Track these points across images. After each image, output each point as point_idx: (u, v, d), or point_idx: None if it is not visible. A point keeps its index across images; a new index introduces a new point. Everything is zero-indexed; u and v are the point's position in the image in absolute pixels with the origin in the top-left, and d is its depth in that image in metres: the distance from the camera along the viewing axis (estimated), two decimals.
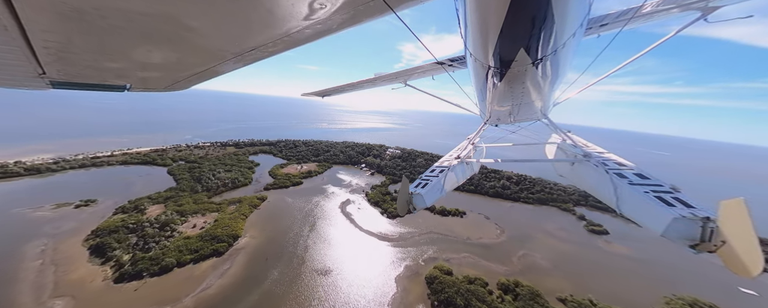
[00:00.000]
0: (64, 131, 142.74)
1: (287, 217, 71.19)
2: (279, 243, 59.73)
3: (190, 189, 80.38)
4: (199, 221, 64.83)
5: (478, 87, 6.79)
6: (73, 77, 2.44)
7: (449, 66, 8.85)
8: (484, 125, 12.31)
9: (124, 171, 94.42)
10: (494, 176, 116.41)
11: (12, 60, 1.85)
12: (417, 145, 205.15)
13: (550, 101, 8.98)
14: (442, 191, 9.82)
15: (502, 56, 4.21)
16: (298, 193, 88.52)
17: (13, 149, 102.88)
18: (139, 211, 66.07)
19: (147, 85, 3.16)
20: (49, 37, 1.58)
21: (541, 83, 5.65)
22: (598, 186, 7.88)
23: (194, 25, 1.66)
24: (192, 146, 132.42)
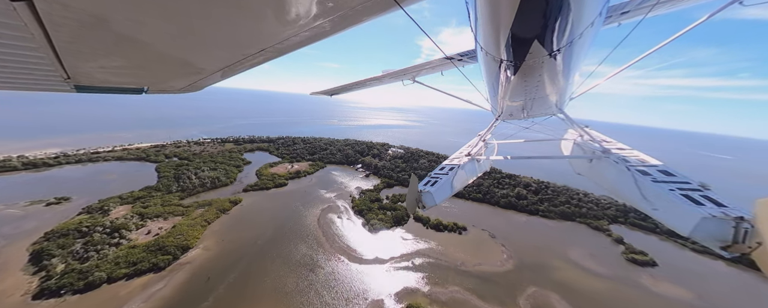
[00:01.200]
0: (81, 126, 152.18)
1: (255, 226, 63.14)
2: (233, 259, 51.58)
3: (166, 189, 76.14)
4: (157, 227, 59.21)
5: (489, 82, 6.62)
6: (95, 81, 2.73)
7: (459, 61, 8.46)
8: (495, 121, 11.79)
9: (114, 167, 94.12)
10: (508, 183, 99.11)
11: (40, 66, 2.09)
12: (427, 144, 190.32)
13: (566, 95, 8.44)
14: (452, 189, 9.60)
15: (515, 49, 4.01)
16: (279, 196, 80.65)
17: (28, 143, 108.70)
18: (103, 212, 62.29)
19: (163, 87, 3.47)
20: (72, 45, 1.76)
21: (556, 76, 5.42)
22: (619, 184, 7.58)
23: (207, 29, 1.77)
24: (192, 142, 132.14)
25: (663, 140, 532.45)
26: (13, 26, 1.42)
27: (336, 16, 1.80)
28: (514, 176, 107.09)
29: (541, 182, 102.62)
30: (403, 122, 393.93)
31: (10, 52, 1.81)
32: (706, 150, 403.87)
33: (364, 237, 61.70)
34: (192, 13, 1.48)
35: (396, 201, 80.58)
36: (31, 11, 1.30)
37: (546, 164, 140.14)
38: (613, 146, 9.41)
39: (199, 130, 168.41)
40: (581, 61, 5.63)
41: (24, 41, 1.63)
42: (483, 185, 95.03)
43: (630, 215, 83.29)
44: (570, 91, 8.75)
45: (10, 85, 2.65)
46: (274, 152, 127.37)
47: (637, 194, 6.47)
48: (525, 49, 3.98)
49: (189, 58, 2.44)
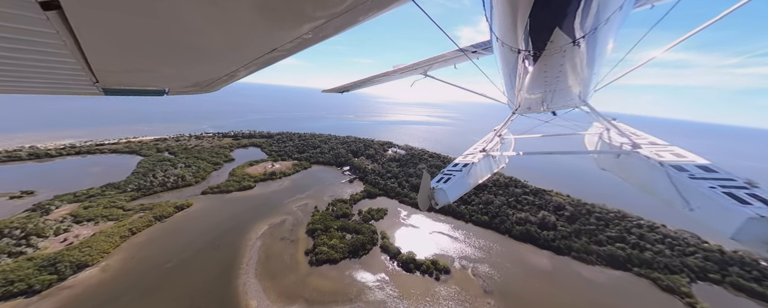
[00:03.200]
0: (106, 119, 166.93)
1: (179, 242, 52.75)
2: (127, 287, 41.27)
3: (124, 187, 71.57)
4: (80, 233, 52.72)
5: (506, 74, 6.30)
6: (120, 85, 2.89)
7: (473, 53, 8.06)
8: (512, 115, 11.17)
9: (104, 160, 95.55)
10: (530, 202, 72.94)
11: (71, 71, 2.24)
12: (445, 144, 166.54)
13: (590, 86, 7.63)
14: (466, 187, 9.31)
15: (534, 38, 3.75)
16: (235, 203, 70.10)
17: (46, 134, 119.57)
18: (44, 211, 58.71)
19: (182, 89, 3.60)
20: (100, 51, 1.90)
21: (580, 65, 5.02)
22: (651, 181, 7.07)
23: (225, 33, 1.85)
24: (193, 136, 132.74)
25: None
26: (46, 34, 1.54)
27: (345, 11, 1.76)
28: (542, 193, 79.41)
29: (579, 204, 73.55)
30: (428, 118, 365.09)
31: (43, 58, 1.96)
32: None
33: (298, 274, 46.11)
34: (211, 17, 1.58)
35: (367, 219, 63.05)
36: (62, 20, 1.39)
37: (586, 176, 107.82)
38: (644, 140, 8.79)
39: (210, 124, 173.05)
40: (608, 49, 5.19)
41: (56, 48, 1.77)
42: (493, 204, 71.00)
43: (731, 268, 51.75)
44: (595, 81, 7.72)
45: (44, 89, 2.94)
46: (266, 148, 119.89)
47: (671, 192, 6.09)
48: (545, 38, 3.72)
49: (206, 62, 2.54)
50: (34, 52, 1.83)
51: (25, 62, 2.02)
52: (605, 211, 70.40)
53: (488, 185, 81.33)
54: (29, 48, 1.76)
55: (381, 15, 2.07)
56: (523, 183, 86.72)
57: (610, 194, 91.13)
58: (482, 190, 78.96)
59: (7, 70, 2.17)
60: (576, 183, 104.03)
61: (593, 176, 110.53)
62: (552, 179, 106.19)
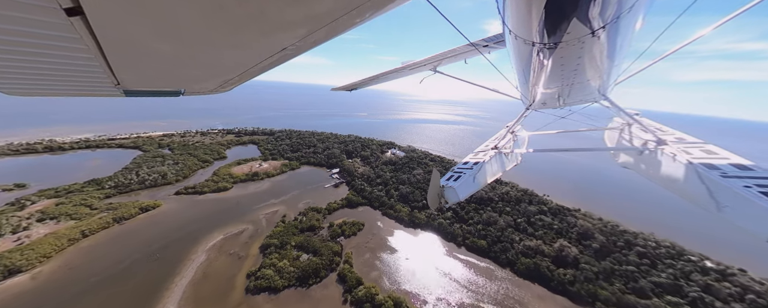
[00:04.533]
0: (125, 114, 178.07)
1: (125, 250, 48.35)
2: (44, 301, 37.00)
3: (106, 182, 70.89)
4: (41, 232, 50.98)
5: (519, 68, 5.92)
6: (140, 86, 2.97)
7: (484, 47, 7.64)
8: (526, 111, 10.28)
9: (106, 155, 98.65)
10: (544, 225, 57.39)
11: (94, 74, 2.34)
12: (463, 146, 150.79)
13: (611, 79, 7.25)
14: (477, 185, 9.02)
15: (550, 29, 3.56)
16: (203, 205, 65.32)
17: (70, 128, 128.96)
18: (20, 207, 58.97)
19: (198, 89, 3.67)
20: (121, 54, 1.98)
21: (600, 57, 4.80)
22: (677, 179, 6.66)
23: (240, 32, 1.88)
24: (199, 132, 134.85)
25: None
26: (70, 39, 1.61)
27: (358, 5, 1.76)
28: (564, 212, 62.72)
29: (614, 230, 55.66)
30: (446, 117, 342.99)
31: (67, 62, 2.05)
32: None
33: (225, 305, 38.05)
34: (227, 19, 1.64)
35: (336, 235, 53.44)
36: (85, 24, 1.45)
37: (627, 190, 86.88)
38: (669, 135, 8.27)
39: (222, 121, 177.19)
40: (631, 39, 4.88)
41: (80, 52, 1.84)
42: (496, 224, 56.76)
43: None
44: (616, 74, 7.30)
45: (69, 92, 3.07)
46: (263, 146, 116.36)
47: (699, 190, 5.79)
48: (562, 29, 3.53)
49: (220, 63, 2.66)
50: (60, 57, 1.94)
51: (51, 66, 2.14)
52: (652, 244, 52.01)
53: (494, 200, 66.56)
54: (55, 53, 1.86)
55: (395, 8, 2.06)
56: (541, 198, 69.91)
57: (660, 218, 70.40)
58: (485, 205, 64.60)
59: (35, 74, 2.34)
60: (611, 200, 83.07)
61: (637, 190, 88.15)
62: (580, 193, 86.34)
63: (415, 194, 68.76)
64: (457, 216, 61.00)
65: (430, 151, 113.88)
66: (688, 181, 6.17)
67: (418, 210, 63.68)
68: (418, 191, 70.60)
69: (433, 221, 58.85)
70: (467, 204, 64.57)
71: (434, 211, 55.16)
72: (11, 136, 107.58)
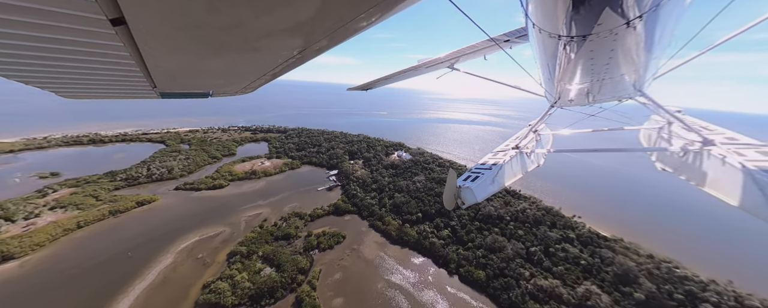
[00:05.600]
0: (163, 112, 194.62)
1: (107, 244, 49.27)
2: (20, 290, 38.17)
3: (120, 175, 75.74)
4: (47, 220, 54.80)
5: (543, 63, 5.42)
6: (174, 89, 3.23)
7: (505, 42, 7.04)
8: (551, 109, 9.57)
9: (134, 148, 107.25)
10: (568, 259, 45.26)
11: (134, 78, 2.58)
12: (479, 147, 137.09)
13: (648, 73, 6.25)
14: (496, 186, 8.52)
15: (579, 21, 3.29)
16: (195, 203, 65.52)
17: (114, 124, 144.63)
18: (43, 194, 64.97)
19: (224, 90, 3.99)
20: (159, 60, 2.18)
21: (635, 50, 4.24)
22: (727, 185, 6.11)
23: (264, 38, 2.02)
24: (220, 129, 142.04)
25: None
26: (114, 47, 1.79)
27: (372, 6, 1.79)
28: (597, 242, 49.21)
29: (668, 274, 40.83)
30: (473, 116, 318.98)
31: (111, 68, 2.28)
32: None
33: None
34: (252, 28, 1.82)
35: (310, 247, 48.26)
36: (128, 34, 1.63)
37: (688, 210, 66.96)
38: (718, 135, 7.50)
39: (245, 118, 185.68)
40: (673, 28, 4.30)
41: (123, 59, 2.04)
42: (503, 251, 46.23)
43: None
44: (655, 67, 6.34)
45: (113, 94, 3.38)
46: (273, 143, 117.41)
47: (755, 198, 5.34)
48: (591, 21, 3.23)
49: (245, 67, 2.84)
50: (106, 64, 2.16)
51: (99, 73, 2.39)
52: (731, 302, 36.66)
53: (504, 219, 55.22)
54: (102, 60, 2.07)
55: (417, 3, 2.08)
56: (568, 220, 56.22)
57: (741, 258, 52.30)
58: (492, 224, 53.77)
59: (85, 79, 2.62)
60: (667, 226, 64.33)
61: (707, 213, 67.86)
62: (623, 214, 68.95)
63: (409, 205, 60.45)
64: (455, 236, 51.38)
65: (440, 154, 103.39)
66: (741, 187, 5.70)
67: (409, 224, 55.43)
68: (415, 202, 62.12)
69: (425, 239, 50.18)
70: (470, 222, 54.40)
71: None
72: (67, 130, 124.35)
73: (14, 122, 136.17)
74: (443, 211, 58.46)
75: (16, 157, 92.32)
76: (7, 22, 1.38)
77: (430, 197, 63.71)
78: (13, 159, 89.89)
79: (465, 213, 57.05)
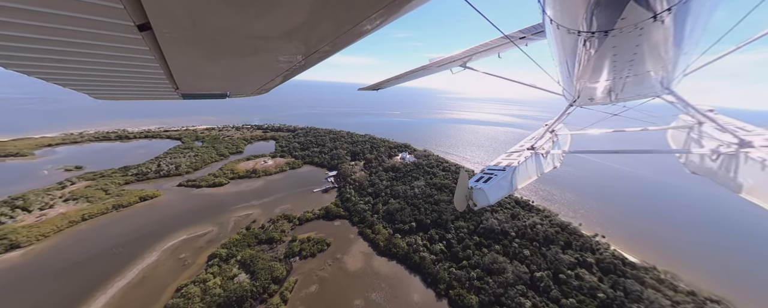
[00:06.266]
0: (174, 110, 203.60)
1: (102, 238, 50.81)
2: (12, 280, 39.96)
3: (132, 169, 79.68)
4: (59, 211, 58.32)
5: (562, 60, 5.25)
6: (195, 90, 3.46)
7: (520, 39, 6.84)
8: (569, 108, 9.31)
9: (154, 144, 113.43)
10: (583, 288, 38.15)
11: (158, 81, 2.76)
12: (495, 151, 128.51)
13: (677, 69, 5.79)
14: (509, 188, 8.18)
15: (600, 16, 3.12)
16: (193, 200, 66.55)
17: (140, 121, 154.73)
18: (62, 186, 69.72)
19: (241, 92, 4.29)
20: (181, 64, 2.34)
21: (663, 45, 3.95)
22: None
23: (279, 41, 2.13)
24: (233, 127, 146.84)
25: None
26: (141, 51, 1.94)
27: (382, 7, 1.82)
28: (622, 271, 41.53)
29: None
30: (495, 117, 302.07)
31: (137, 71, 2.44)
32: None
33: None
34: (265, 34, 1.97)
35: (291, 254, 45.97)
36: (153, 39, 1.76)
37: None
38: (756, 136, 6.94)
39: (260, 116, 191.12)
40: (706, 20, 3.99)
41: (148, 62, 2.19)
42: (503, 274, 40.71)
43: None
44: (686, 63, 5.91)
45: (139, 96, 3.61)
46: (280, 142, 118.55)
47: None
48: (614, 15, 3.05)
49: (260, 70, 2.99)
50: (132, 67, 2.32)
51: (125, 75, 2.56)
52: None
53: (508, 234, 48.87)
54: (128, 63, 2.22)
55: (423, 4, 2.13)
56: (588, 240, 48.36)
57: None
58: (494, 239, 47.79)
59: (115, 82, 2.81)
60: (714, 250, 53.01)
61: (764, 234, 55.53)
62: (656, 233, 58.57)
63: (403, 213, 55.98)
64: (449, 251, 46.14)
65: (447, 157, 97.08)
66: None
67: (401, 235, 51.05)
68: (410, 209, 57.52)
69: (415, 253, 45.55)
70: (468, 236, 48.81)
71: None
72: (100, 126, 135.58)
73: (56, 119, 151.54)
74: (439, 222, 53.32)
75: (52, 150, 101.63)
76: (46, 29, 1.51)
77: (428, 205, 58.70)
78: (50, 152, 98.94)
79: (464, 225, 51.46)
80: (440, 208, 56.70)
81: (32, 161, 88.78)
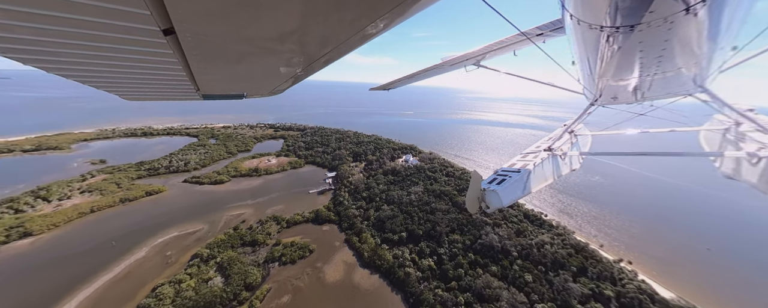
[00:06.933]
0: (197, 108, 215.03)
1: (104, 230, 53.10)
2: (17, 268, 42.64)
3: (146, 164, 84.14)
4: (73, 203, 62.54)
5: (582, 57, 4.99)
6: (214, 91, 3.60)
7: (538, 36, 6.62)
8: (590, 108, 8.81)
9: (173, 141, 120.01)
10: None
11: (180, 82, 2.93)
12: (501, 157, 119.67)
13: (712, 66, 5.24)
14: (524, 191, 7.88)
15: (626, 9, 2.90)
16: (194, 196, 68.19)
17: (166, 119, 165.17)
18: (83, 178, 75.21)
19: (257, 92, 4.51)
20: (202, 66, 2.46)
21: (697, 39, 3.59)
22: None
23: (295, 42, 2.21)
24: (247, 125, 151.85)
25: None
26: (165, 54, 2.07)
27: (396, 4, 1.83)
28: (645, 306, 33.88)
29: None
30: (515, 118, 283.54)
31: (161, 73, 2.61)
32: None
33: None
34: (279, 43, 2.11)
35: (272, 259, 44.33)
36: (176, 43, 1.90)
37: None
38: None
39: (274, 116, 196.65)
40: (746, 11, 3.67)
41: (171, 65, 2.33)
42: (498, 301, 35.58)
43: None
44: (722, 59, 5.32)
45: (164, 97, 3.87)
46: (288, 141, 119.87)
47: None
48: (642, 8, 2.82)
49: (273, 71, 3.08)
50: (157, 69, 2.48)
51: (150, 76, 2.74)
52: None
53: (510, 253, 43.08)
54: (153, 66, 2.38)
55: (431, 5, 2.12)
56: (611, 268, 41.02)
57: None
58: (492, 259, 42.35)
59: (142, 84, 3.02)
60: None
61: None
62: (706, 263, 48.48)
63: (394, 222, 52.08)
64: (439, 268, 41.51)
65: (454, 161, 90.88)
66: None
67: (389, 245, 47.27)
68: (403, 217, 53.50)
69: (400, 268, 41.55)
70: (462, 252, 43.80)
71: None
72: (130, 123, 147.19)
73: (93, 117, 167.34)
74: (432, 233, 48.69)
75: (86, 145, 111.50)
76: (83, 35, 1.67)
77: (423, 214, 54.23)
78: (84, 147, 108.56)
79: (459, 239, 46.40)
80: (436, 218, 51.98)
81: (68, 154, 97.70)
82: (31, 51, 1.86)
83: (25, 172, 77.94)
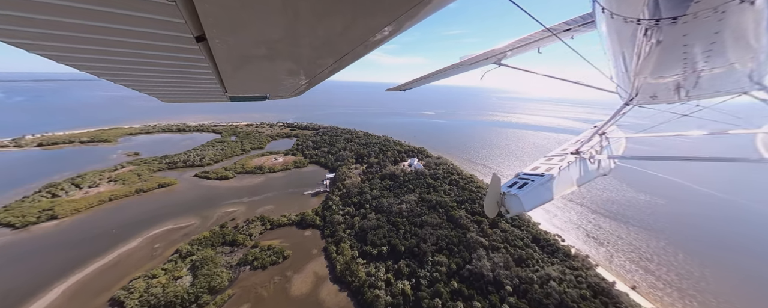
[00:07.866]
0: (226, 106, 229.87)
1: (113, 219, 57.65)
2: (34, 248, 47.90)
3: (166, 159, 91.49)
4: (98, 190, 69.66)
5: (616, 53, 4.54)
6: (240, 93, 3.87)
7: (565, 32, 6.14)
8: (624, 108, 7.94)
9: (200, 136, 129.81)
10: None
11: (210, 85, 3.19)
12: (521, 164, 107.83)
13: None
14: (548, 196, 7.28)
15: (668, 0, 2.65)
16: (199, 191, 71.61)
17: (188, 117, 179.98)
18: (114, 169, 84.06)
19: (279, 94, 4.60)
20: (230, 70, 2.69)
21: (755, 30, 3.20)
22: None
23: (315, 47, 2.34)
24: (267, 124, 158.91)
25: None
26: (197, 59, 2.24)
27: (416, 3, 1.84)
28: None
29: None
30: (553, 121, 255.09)
31: (194, 77, 2.86)
32: None
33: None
34: (302, 47, 2.26)
35: (248, 261, 43.41)
36: (207, 49, 2.06)
37: None
38: None
39: (294, 115, 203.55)
40: None
41: (203, 69, 2.53)
42: None
43: None
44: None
45: (195, 99, 4.29)
46: (300, 140, 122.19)
47: None
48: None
49: (293, 74, 3.26)
50: (190, 73, 2.69)
51: (184, 80, 2.97)
52: None
53: (502, 285, 36.12)
54: (187, 70, 2.61)
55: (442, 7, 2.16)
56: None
57: None
58: (481, 290, 36.06)
59: (176, 87, 3.31)
60: None
61: None
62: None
63: (377, 233, 47.77)
64: (414, 294, 36.30)
65: (464, 168, 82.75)
66: None
67: (365, 259, 43.23)
68: (387, 229, 48.99)
69: (370, 289, 37.22)
70: (445, 279, 37.98)
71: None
72: (169, 119, 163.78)
73: (139, 114, 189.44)
74: (415, 251, 43.44)
75: (130, 138, 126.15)
76: (127, 44, 1.86)
77: (410, 227, 49.08)
78: (127, 140, 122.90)
79: (445, 262, 40.47)
80: (423, 233, 46.51)
81: (112, 146, 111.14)
82: (83, 59, 2.11)
83: (74, 161, 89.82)
